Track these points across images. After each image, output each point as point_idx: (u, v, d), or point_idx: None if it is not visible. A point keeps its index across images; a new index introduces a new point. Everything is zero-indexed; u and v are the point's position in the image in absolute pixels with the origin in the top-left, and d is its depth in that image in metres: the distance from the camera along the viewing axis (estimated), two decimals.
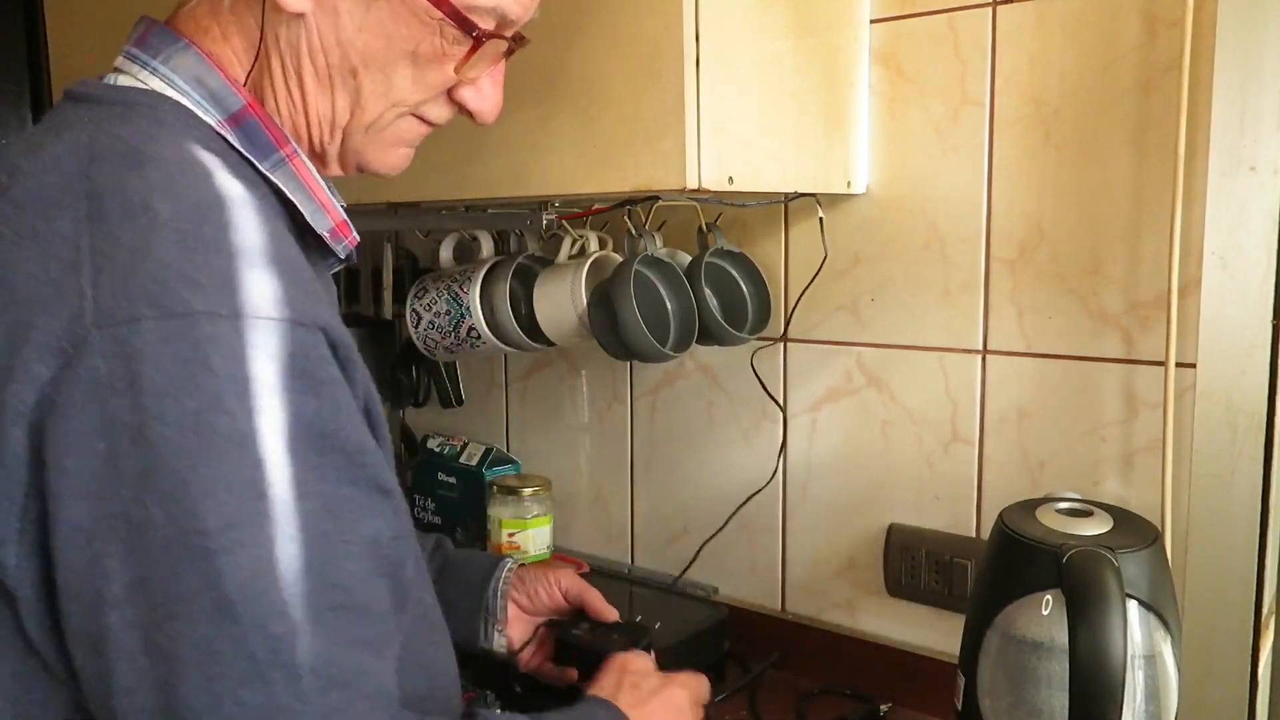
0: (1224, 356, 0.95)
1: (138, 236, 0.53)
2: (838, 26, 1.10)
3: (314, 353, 0.56)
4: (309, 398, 0.55)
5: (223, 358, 0.52)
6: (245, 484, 0.52)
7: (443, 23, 0.67)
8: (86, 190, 0.55)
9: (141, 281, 0.52)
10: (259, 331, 0.54)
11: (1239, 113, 0.92)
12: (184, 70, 0.65)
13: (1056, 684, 0.82)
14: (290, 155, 0.67)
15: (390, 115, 0.70)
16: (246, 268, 0.55)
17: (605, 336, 1.12)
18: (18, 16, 1.77)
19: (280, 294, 0.55)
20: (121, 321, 0.52)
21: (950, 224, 1.11)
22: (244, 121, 0.66)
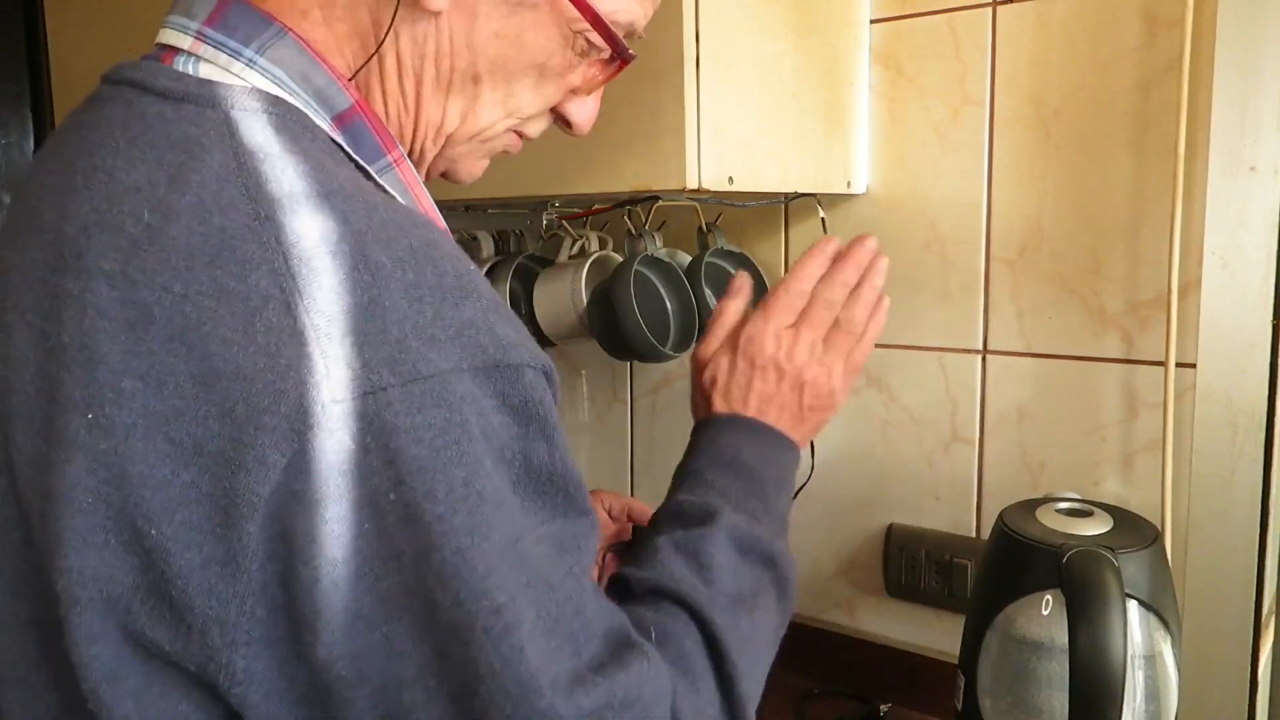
0: (1224, 356, 0.95)
1: (362, 294, 0.47)
2: (838, 26, 1.10)
3: (544, 395, 0.53)
4: (541, 444, 0.52)
5: (477, 417, 0.48)
6: (511, 547, 0.49)
7: (581, 35, 0.62)
8: (279, 239, 0.47)
9: (376, 345, 0.47)
10: (501, 381, 0.50)
11: (1239, 113, 0.92)
12: (288, 64, 0.56)
13: (1056, 684, 0.82)
14: (397, 160, 0.60)
15: (501, 126, 0.65)
16: (475, 313, 0.50)
17: (605, 336, 1.12)
18: (18, 16, 1.77)
19: (510, 336, 0.52)
20: (363, 393, 0.46)
21: (950, 224, 1.11)
22: (351, 123, 0.58)
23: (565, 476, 0.54)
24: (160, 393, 0.46)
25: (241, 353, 0.45)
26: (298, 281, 0.46)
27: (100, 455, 0.46)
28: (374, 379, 0.46)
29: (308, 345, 0.46)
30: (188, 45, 0.56)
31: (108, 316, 0.47)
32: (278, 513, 0.45)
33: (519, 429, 0.51)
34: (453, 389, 0.48)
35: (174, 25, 0.58)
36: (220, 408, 0.45)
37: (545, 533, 0.52)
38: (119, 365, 0.46)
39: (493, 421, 0.50)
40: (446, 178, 0.68)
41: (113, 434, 0.46)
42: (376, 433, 0.46)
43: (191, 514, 0.46)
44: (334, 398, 0.45)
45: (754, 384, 0.79)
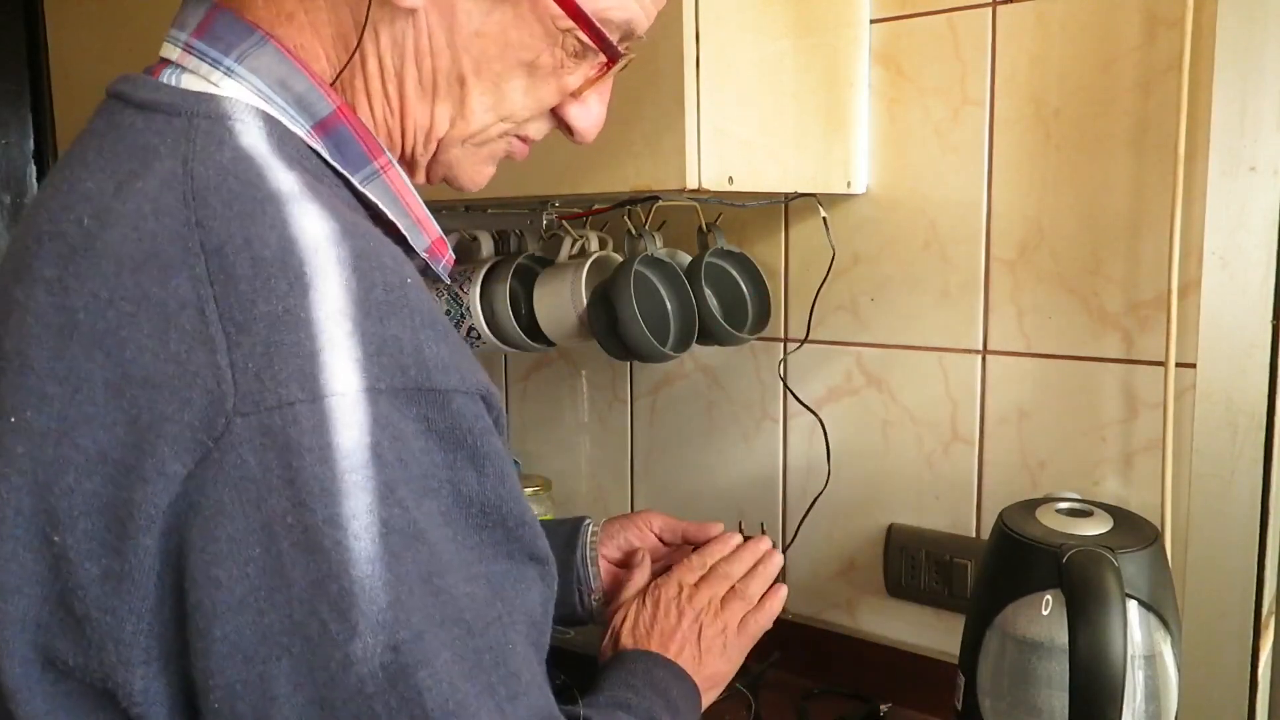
0: (1224, 356, 0.95)
1: (278, 302, 0.45)
2: (838, 26, 1.10)
3: (477, 423, 0.50)
4: (471, 473, 0.49)
5: (391, 441, 0.46)
6: (423, 582, 0.46)
7: (570, 33, 0.60)
8: (201, 242, 0.46)
9: (287, 357, 0.44)
10: (424, 405, 0.47)
11: (1239, 113, 0.92)
12: (266, 72, 0.55)
13: (1056, 684, 0.82)
14: (384, 166, 0.59)
15: (495, 130, 0.63)
16: (402, 331, 0.48)
17: (605, 336, 1.12)
18: (18, 16, 1.77)
19: (442, 359, 0.49)
20: (270, 407, 0.44)
21: (950, 224, 1.11)
22: (334, 129, 0.57)
23: (501, 510, 0.51)
24: (74, 398, 0.45)
25: (154, 359, 0.44)
26: (214, 288, 0.45)
27: (16, 460, 0.45)
28: (282, 393, 0.44)
29: (216, 354, 0.44)
30: (175, 57, 0.57)
31: (41, 322, 0.46)
32: (176, 524, 0.44)
33: (444, 456, 0.48)
34: (365, 409, 0.45)
35: (169, 38, 0.58)
36: (127, 415, 0.44)
37: (480, 572, 0.50)
38: (44, 370, 0.45)
39: (413, 447, 0.47)
40: (449, 184, 0.66)
41: (30, 439, 0.45)
42: (280, 450, 0.44)
43: (93, 524, 0.44)
44: (239, 410, 0.44)
45: (657, 620, 0.83)
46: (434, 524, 0.47)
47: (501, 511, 0.51)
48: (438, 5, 0.57)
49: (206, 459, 0.44)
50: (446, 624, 0.46)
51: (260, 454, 0.44)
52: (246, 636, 0.44)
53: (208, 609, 0.44)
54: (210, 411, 0.44)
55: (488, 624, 0.49)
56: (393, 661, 0.44)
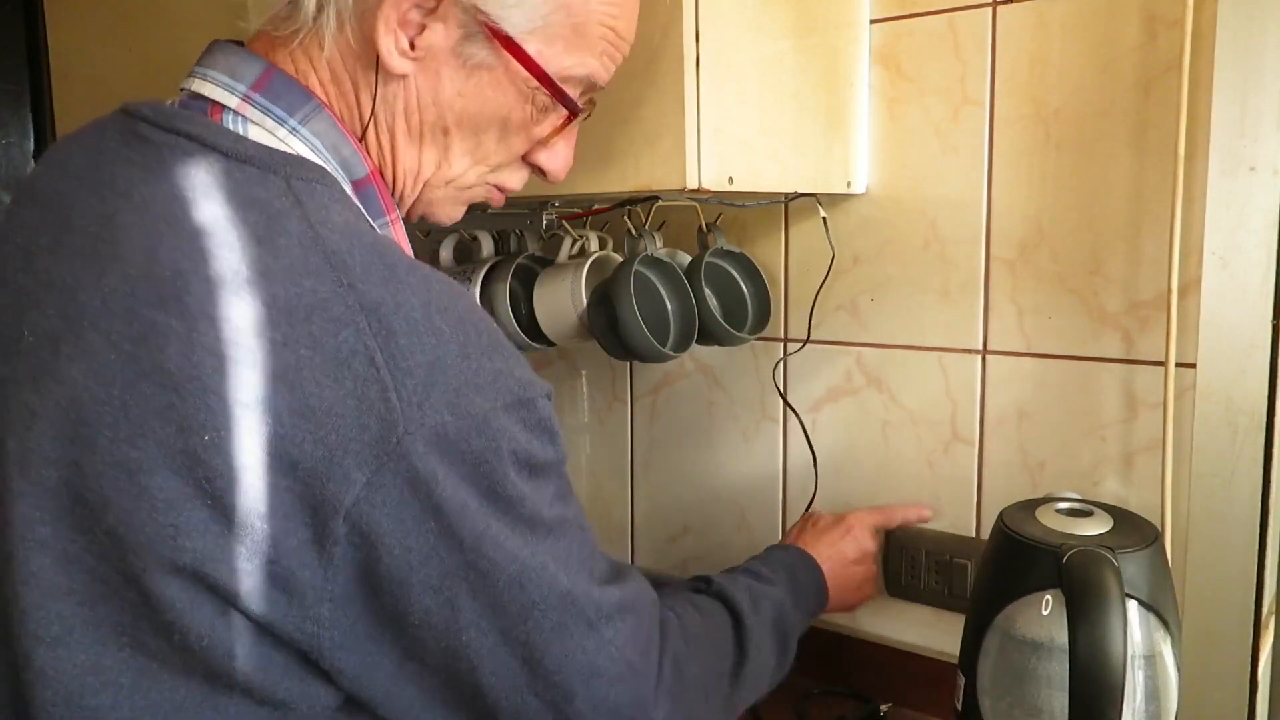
0: (1224, 356, 0.95)
1: (429, 353, 0.59)
2: (838, 26, 1.10)
3: (551, 412, 0.66)
4: (557, 452, 0.66)
5: (508, 441, 0.61)
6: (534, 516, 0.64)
7: (538, 91, 0.71)
8: (359, 303, 0.58)
9: (440, 393, 0.58)
10: (521, 412, 0.63)
11: (1239, 113, 0.92)
12: (323, 136, 0.67)
13: (1056, 684, 0.82)
14: (394, 221, 0.71)
15: (473, 174, 0.74)
16: (501, 362, 0.62)
17: (605, 336, 1.12)
18: (18, 16, 1.77)
19: (525, 375, 0.64)
20: (430, 427, 0.58)
21: (950, 224, 1.11)
22: (365, 188, 0.69)
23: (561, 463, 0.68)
24: (263, 420, 0.56)
25: (333, 394, 0.56)
26: (378, 340, 0.58)
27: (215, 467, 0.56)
28: (437, 417, 0.58)
29: (388, 392, 0.57)
30: (234, 105, 0.65)
31: (214, 354, 0.56)
32: (359, 516, 0.57)
33: (538, 441, 0.64)
34: (490, 423, 0.60)
35: (216, 81, 0.66)
36: (314, 435, 0.56)
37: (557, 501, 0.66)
38: (228, 395, 0.56)
39: (519, 441, 0.62)
40: (425, 219, 0.77)
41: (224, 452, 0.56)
42: (440, 454, 0.58)
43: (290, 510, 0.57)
44: (407, 430, 0.57)
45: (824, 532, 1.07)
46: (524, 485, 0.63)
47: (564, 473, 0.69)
48: (425, 71, 0.68)
49: (383, 467, 0.57)
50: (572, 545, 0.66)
51: (424, 459, 0.58)
52: (434, 575, 0.59)
53: (404, 565, 0.58)
54: (385, 433, 0.57)
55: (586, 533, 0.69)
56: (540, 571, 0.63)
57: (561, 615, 0.64)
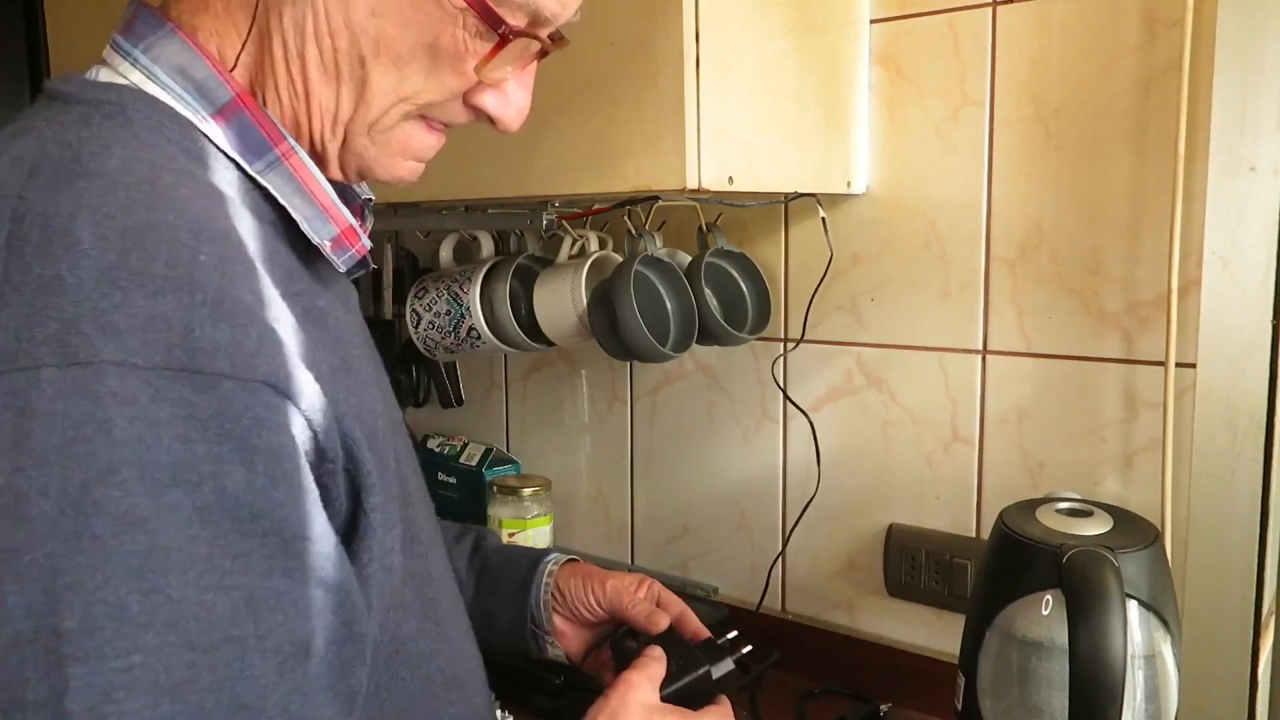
0: (1224, 356, 0.95)
1: (50, 266, 0.45)
2: (837, 27, 1.10)
3: (250, 414, 0.47)
4: (236, 467, 0.46)
5: (131, 420, 0.44)
6: (128, 576, 0.43)
7: (466, 13, 0.59)
8: (13, 211, 0.47)
9: (47, 321, 0.44)
10: (180, 387, 0.45)
11: (1239, 113, 0.92)
12: (166, 60, 0.57)
13: (1056, 684, 0.82)
14: (286, 153, 0.59)
15: (395, 114, 0.61)
16: (177, 308, 0.46)
17: (605, 336, 1.12)
18: (18, 16, 1.77)
19: (216, 341, 0.47)
20: (20, 368, 0.44)
21: (950, 224, 1.11)
22: (233, 116, 0.58)
23: (276, 518, 0.48)
24: None
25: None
26: (6, 250, 0.46)
27: None
28: (35, 355, 0.44)
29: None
30: (105, 54, 0.59)
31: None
32: None
33: (207, 447, 0.45)
34: (108, 382, 0.44)
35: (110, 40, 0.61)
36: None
37: (237, 583, 0.46)
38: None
39: (163, 432, 0.45)
40: (365, 178, 0.65)
41: None
42: (17, 412, 0.43)
43: None
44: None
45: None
46: (175, 518, 0.44)
47: (276, 520, 0.48)
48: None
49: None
50: (153, 628, 0.43)
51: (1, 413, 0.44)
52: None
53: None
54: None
55: (221, 641, 0.45)
56: (54, 649, 0.42)
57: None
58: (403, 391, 1.60)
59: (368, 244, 0.65)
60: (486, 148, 1.04)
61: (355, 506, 0.55)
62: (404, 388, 1.60)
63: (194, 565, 0.45)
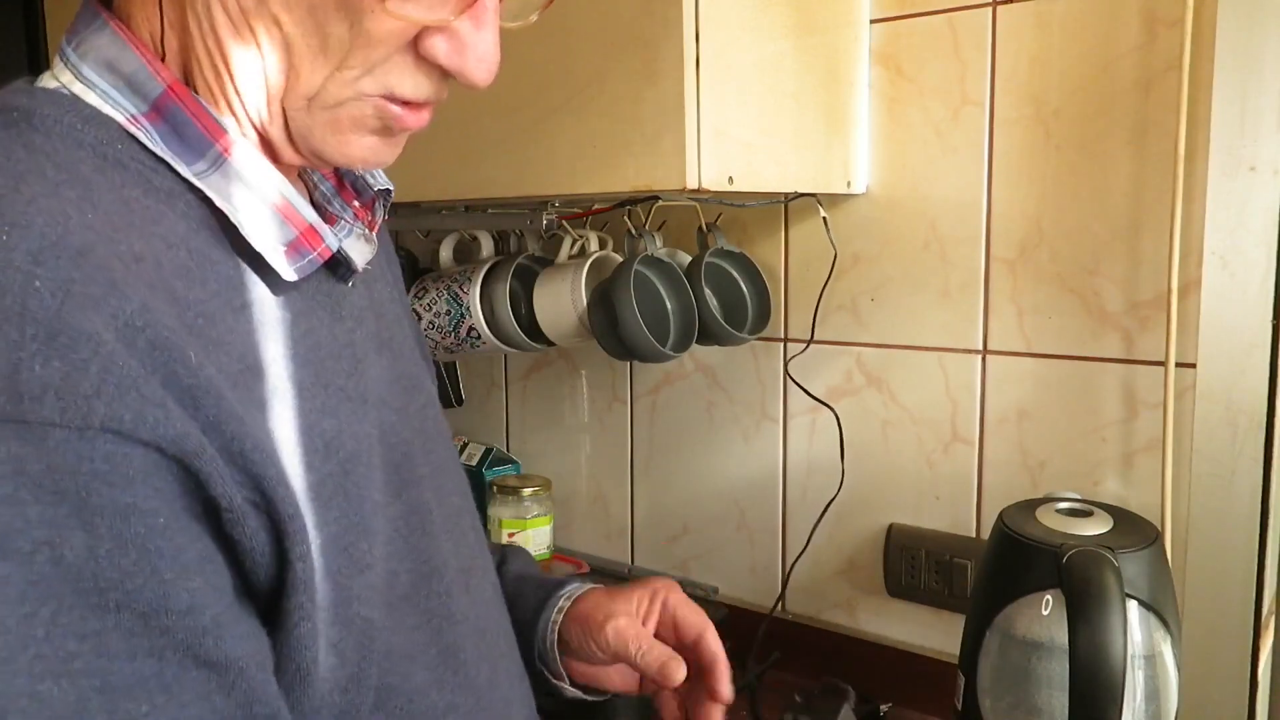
0: (1224, 356, 0.95)
1: None
2: (837, 26, 1.10)
3: (86, 468, 0.40)
4: (75, 532, 0.39)
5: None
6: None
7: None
8: None
9: None
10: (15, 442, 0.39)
11: (1239, 113, 0.92)
12: (93, 55, 0.51)
13: (1056, 684, 0.82)
14: (228, 147, 0.51)
15: (338, 85, 0.51)
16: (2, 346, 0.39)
17: (605, 336, 1.12)
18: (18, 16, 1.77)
19: (46, 383, 0.39)
20: None
21: (950, 224, 1.11)
22: (167, 111, 0.50)
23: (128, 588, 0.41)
24: None
25: None
26: None
27: None
28: None
29: None
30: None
31: None
32: None
33: (40, 510, 0.39)
34: None
35: None
36: None
37: (85, 668, 0.40)
38: None
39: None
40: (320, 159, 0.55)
41: None
42: None
43: None
44: None
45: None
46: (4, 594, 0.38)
47: (127, 590, 0.41)
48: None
49: None
50: None
51: None
52: None
53: None
54: None
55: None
56: None
57: None
58: None
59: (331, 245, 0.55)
60: (486, 148, 1.04)
61: (281, 557, 0.48)
62: None
63: (26, 650, 0.38)
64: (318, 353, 0.55)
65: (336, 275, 0.58)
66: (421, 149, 0.76)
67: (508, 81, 0.75)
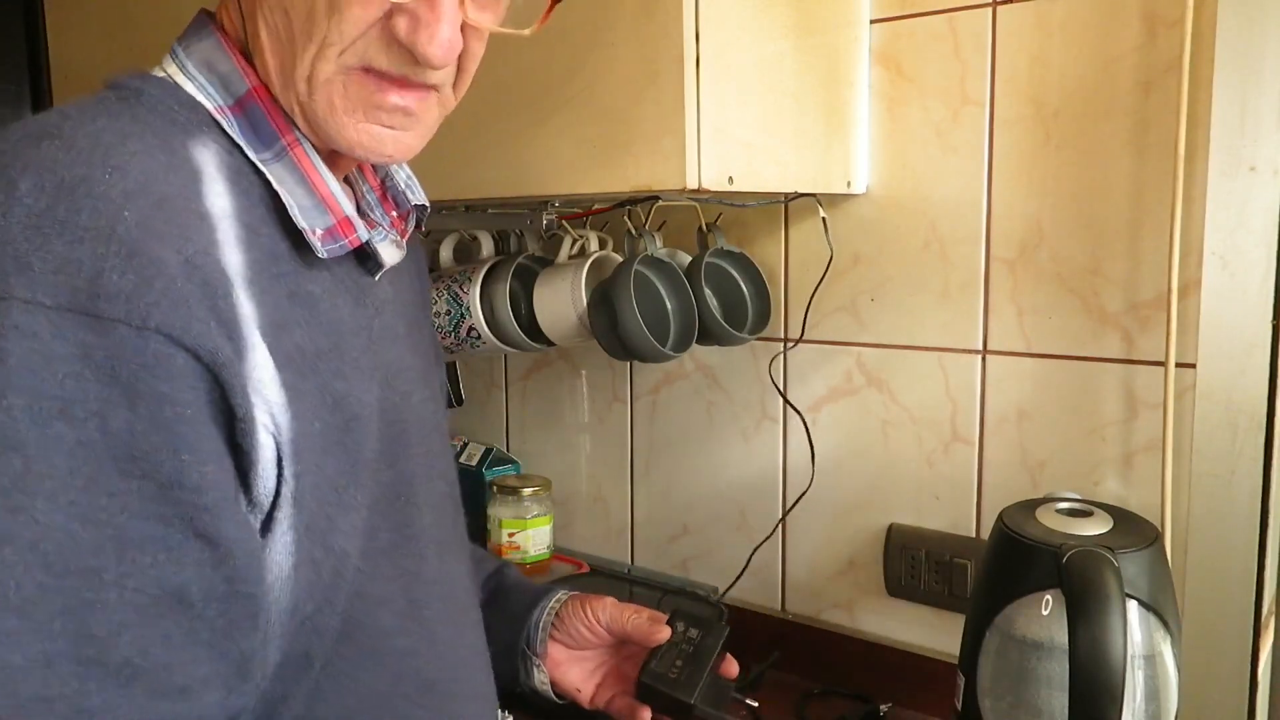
0: (1224, 356, 0.95)
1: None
2: (838, 26, 1.10)
3: (138, 360, 0.48)
4: (121, 409, 0.48)
5: (23, 350, 0.46)
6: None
7: None
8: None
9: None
10: (86, 331, 0.47)
11: (1239, 113, 0.92)
12: (197, 55, 0.62)
13: (1056, 684, 0.82)
14: (291, 144, 0.62)
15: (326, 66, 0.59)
16: (90, 256, 0.48)
17: (605, 336, 1.12)
18: (18, 16, 1.77)
19: (120, 289, 0.48)
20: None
21: (950, 224, 1.11)
22: (249, 107, 0.61)
23: (153, 461, 0.49)
24: None
25: None
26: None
27: None
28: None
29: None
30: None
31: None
32: None
33: (97, 387, 0.48)
34: (11, 316, 0.47)
35: None
36: None
37: (105, 519, 0.48)
38: None
39: (59, 369, 0.47)
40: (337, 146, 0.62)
41: None
42: None
43: None
44: None
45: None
46: (55, 447, 0.47)
47: (153, 463, 0.49)
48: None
49: None
50: (11, 544, 0.46)
51: None
52: None
53: None
54: None
55: (80, 569, 0.47)
56: None
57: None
58: None
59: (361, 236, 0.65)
60: (487, 148, 1.04)
61: (279, 474, 0.56)
62: None
63: (65, 494, 0.47)
64: (338, 327, 0.63)
65: (365, 268, 0.68)
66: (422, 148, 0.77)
67: (508, 82, 0.76)
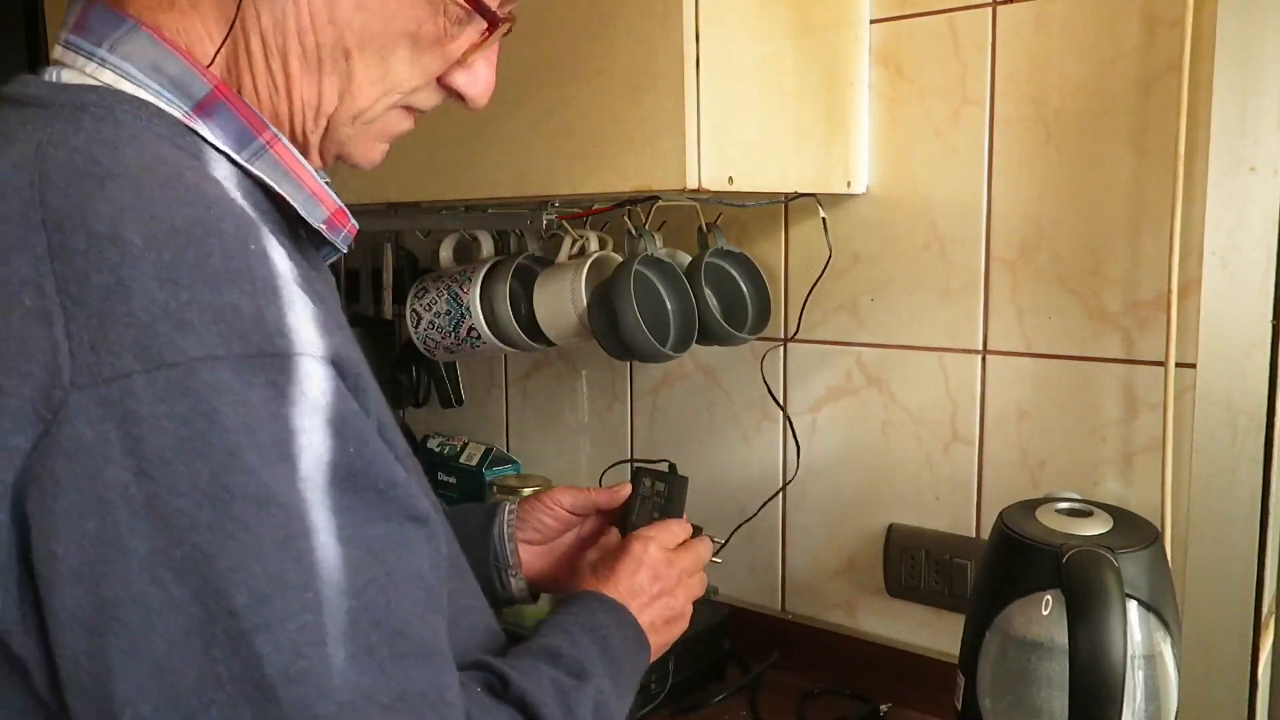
0: (1224, 356, 0.95)
1: (110, 274, 0.45)
2: (837, 26, 1.10)
3: (322, 385, 0.50)
4: (331, 438, 0.49)
5: (234, 407, 0.46)
6: (277, 547, 0.46)
7: (449, 2, 0.61)
8: (43, 220, 0.47)
9: (122, 328, 0.45)
10: (266, 371, 0.47)
11: (1239, 113, 0.92)
12: (138, 57, 0.56)
13: (1056, 684, 0.82)
14: (271, 141, 0.59)
15: (382, 105, 0.63)
16: (240, 297, 0.48)
17: (605, 336, 1.12)
18: (18, 16, 1.77)
19: (281, 323, 0.49)
20: (106, 379, 0.44)
21: (950, 224, 1.11)
22: (213, 108, 0.58)
23: (369, 473, 0.51)
24: None
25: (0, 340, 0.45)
26: (54, 264, 0.46)
27: None
28: (118, 365, 0.45)
29: (53, 327, 0.45)
30: (57, 54, 0.58)
31: None
32: (20, 497, 0.45)
33: (299, 421, 0.48)
34: (201, 377, 0.45)
35: (59, 39, 0.59)
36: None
37: (354, 536, 0.49)
38: None
39: (261, 414, 0.47)
40: (344, 162, 0.66)
41: None
42: (118, 421, 0.44)
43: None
44: (75, 383, 0.44)
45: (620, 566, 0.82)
46: (292, 489, 0.47)
47: (370, 475, 0.51)
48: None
49: (46, 433, 0.45)
50: (311, 587, 0.47)
51: (97, 426, 0.44)
52: (84, 608, 0.45)
53: (47, 581, 0.45)
54: (48, 385, 0.45)
55: (364, 585, 0.49)
56: (233, 626, 0.45)
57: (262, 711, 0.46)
58: (403, 391, 1.60)
59: (355, 225, 0.66)
60: (487, 148, 1.04)
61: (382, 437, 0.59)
62: (404, 388, 1.60)
63: (321, 527, 0.48)
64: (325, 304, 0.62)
65: (321, 255, 0.68)
66: (422, 149, 0.77)
67: (508, 82, 0.75)
